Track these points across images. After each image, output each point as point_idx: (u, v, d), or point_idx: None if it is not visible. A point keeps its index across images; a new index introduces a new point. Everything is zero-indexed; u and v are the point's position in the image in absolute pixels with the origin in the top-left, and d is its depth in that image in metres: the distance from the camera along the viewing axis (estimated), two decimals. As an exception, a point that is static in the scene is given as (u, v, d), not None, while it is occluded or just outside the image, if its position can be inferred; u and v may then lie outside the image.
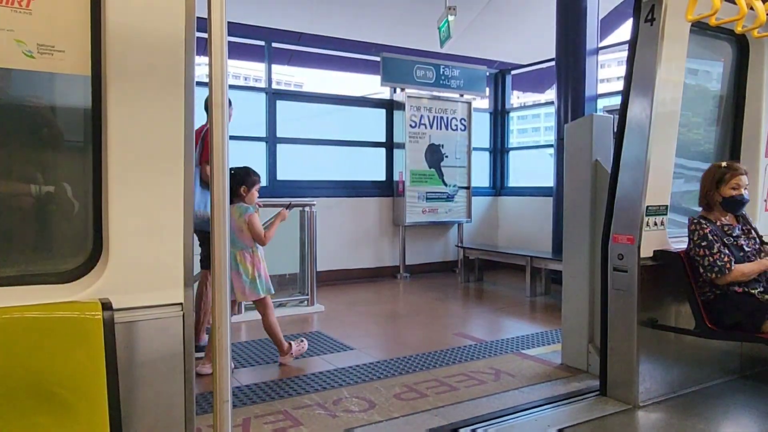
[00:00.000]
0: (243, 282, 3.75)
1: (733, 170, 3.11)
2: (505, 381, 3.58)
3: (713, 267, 2.95)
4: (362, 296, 6.38)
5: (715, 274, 2.95)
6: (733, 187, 3.09)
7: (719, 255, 2.95)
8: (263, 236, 3.80)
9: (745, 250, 3.08)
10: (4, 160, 1.58)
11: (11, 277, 1.50)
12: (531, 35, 8.82)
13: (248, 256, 3.78)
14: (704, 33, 3.49)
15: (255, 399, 3.28)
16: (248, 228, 3.76)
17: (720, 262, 2.94)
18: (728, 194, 3.09)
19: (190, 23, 1.60)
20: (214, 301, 1.48)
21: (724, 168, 3.13)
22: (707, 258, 2.97)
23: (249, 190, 3.82)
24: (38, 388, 1.39)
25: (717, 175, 3.13)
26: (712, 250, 2.96)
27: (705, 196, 3.17)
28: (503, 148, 8.67)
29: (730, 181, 3.09)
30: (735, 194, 3.09)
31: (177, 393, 1.64)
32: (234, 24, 6.61)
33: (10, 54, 1.46)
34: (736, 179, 3.09)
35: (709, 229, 3.02)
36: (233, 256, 3.73)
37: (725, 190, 3.10)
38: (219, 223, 1.48)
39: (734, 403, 3.21)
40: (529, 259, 6.35)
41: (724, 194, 3.10)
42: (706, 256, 2.97)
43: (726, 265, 2.93)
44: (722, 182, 3.10)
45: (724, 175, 3.10)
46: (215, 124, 1.45)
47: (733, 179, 3.09)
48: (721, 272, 2.94)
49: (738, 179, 3.10)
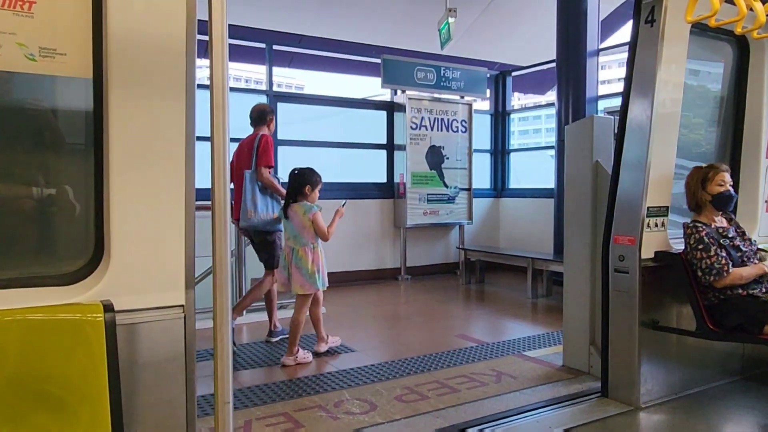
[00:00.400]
0: (303, 276, 3.98)
1: (714, 169, 3.16)
2: (507, 383, 3.58)
3: (711, 270, 2.95)
4: (363, 298, 6.38)
5: (713, 277, 2.95)
6: (719, 184, 3.12)
7: (716, 258, 2.95)
8: (327, 233, 4.03)
9: (742, 250, 3.08)
10: (6, 162, 1.59)
11: (13, 279, 1.51)
12: (531, 37, 8.82)
13: (309, 252, 4.01)
14: (704, 34, 3.49)
15: (256, 401, 3.28)
16: (312, 225, 3.98)
17: (717, 264, 2.94)
18: (716, 191, 3.12)
19: (191, 26, 1.61)
20: (215, 302, 1.48)
21: (706, 168, 3.18)
22: (704, 261, 2.97)
23: (313, 189, 4.07)
24: (40, 390, 1.40)
25: (700, 175, 3.17)
26: (709, 253, 2.97)
27: (693, 198, 3.19)
28: (504, 150, 8.67)
29: (714, 179, 3.13)
30: (722, 190, 3.12)
31: (178, 395, 1.64)
32: (235, 26, 6.62)
33: (12, 57, 1.47)
34: (720, 176, 3.13)
35: (705, 232, 3.03)
36: (295, 252, 4.01)
37: (712, 188, 3.12)
38: (220, 225, 1.48)
39: (736, 405, 3.21)
40: (531, 260, 6.35)
41: (713, 192, 3.12)
42: (703, 259, 2.97)
43: (723, 268, 2.93)
44: (707, 181, 3.14)
45: (707, 174, 3.15)
46: (216, 127, 1.46)
47: (717, 176, 3.13)
48: (718, 275, 2.94)
49: (722, 176, 3.13)
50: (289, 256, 4.03)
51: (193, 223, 1.66)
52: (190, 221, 1.65)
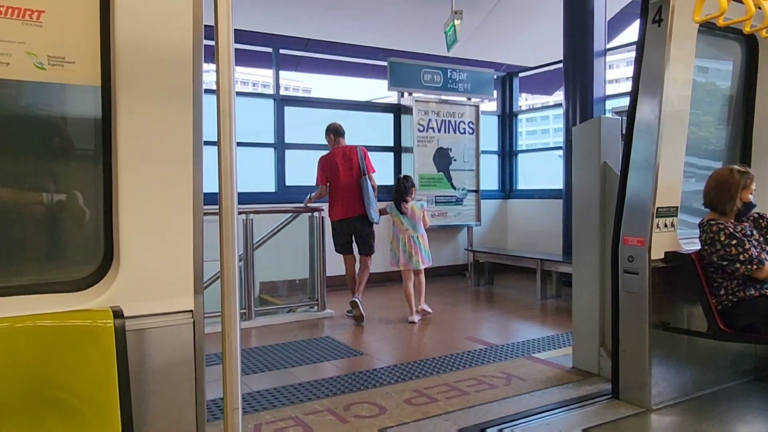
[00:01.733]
0: (423, 254, 5.37)
1: (751, 176, 3.10)
2: (517, 385, 3.56)
3: (752, 260, 2.88)
4: (372, 301, 6.37)
5: (755, 266, 2.89)
6: (751, 193, 3.09)
7: (752, 250, 2.91)
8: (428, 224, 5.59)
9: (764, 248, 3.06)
10: (16, 169, 1.61)
11: (24, 286, 1.52)
12: (538, 37, 8.80)
13: (424, 237, 5.43)
14: (713, 33, 3.47)
15: (266, 405, 3.28)
16: (423, 217, 5.43)
17: (755, 255, 2.90)
18: (748, 199, 3.08)
19: (198, 33, 1.62)
20: (223, 307, 1.48)
21: (744, 173, 3.09)
22: (743, 254, 2.90)
23: (414, 191, 5.50)
24: (50, 396, 1.40)
25: (742, 182, 3.07)
26: (744, 246, 2.90)
27: (731, 202, 3.05)
28: (512, 151, 8.65)
29: (749, 186, 3.08)
30: (752, 198, 3.09)
31: (188, 400, 1.64)
32: (242, 31, 6.65)
33: (21, 66, 1.48)
34: (753, 184, 3.10)
35: (732, 229, 2.98)
36: (416, 238, 5.37)
37: (746, 195, 3.08)
38: (228, 230, 1.48)
39: (749, 406, 3.17)
40: (540, 261, 6.32)
41: (746, 199, 3.08)
42: (740, 253, 2.90)
43: (761, 257, 2.91)
44: (746, 188, 3.08)
45: (746, 180, 3.08)
46: (223, 133, 1.46)
47: (752, 185, 3.09)
48: (761, 263, 2.89)
49: (754, 184, 3.10)
50: (409, 242, 5.32)
51: (201, 228, 1.67)
52: (198, 226, 1.65)
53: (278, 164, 6.87)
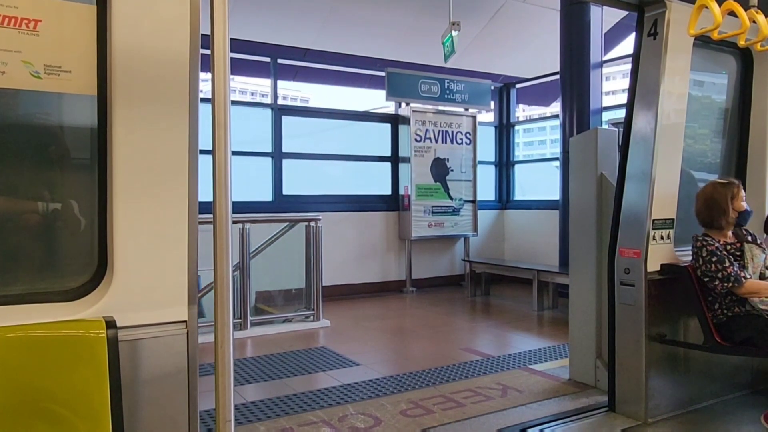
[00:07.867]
0: None
1: (736, 184, 3.11)
2: (513, 397, 3.55)
3: (729, 278, 2.90)
4: (368, 311, 6.36)
5: (732, 284, 2.90)
6: (743, 200, 3.09)
7: (732, 268, 2.92)
8: None
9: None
10: (10, 178, 1.60)
11: (16, 296, 1.51)
12: (535, 49, 8.84)
13: None
14: (708, 46, 3.49)
15: (260, 416, 3.26)
16: None
17: (734, 273, 2.91)
18: (742, 207, 3.08)
19: (195, 42, 1.62)
20: (216, 317, 1.47)
21: (726, 184, 3.11)
22: (721, 272, 2.92)
23: None
24: (42, 407, 1.39)
25: (729, 193, 3.07)
26: (724, 264, 2.92)
27: (723, 215, 3.05)
28: (509, 162, 8.67)
29: (739, 195, 3.09)
30: (746, 206, 3.09)
31: (181, 411, 1.63)
32: (240, 41, 6.67)
33: (18, 75, 1.49)
34: (742, 192, 3.10)
35: (715, 246, 2.99)
36: None
37: (738, 204, 3.08)
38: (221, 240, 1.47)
39: (747, 419, 3.16)
40: (536, 272, 6.32)
41: (739, 209, 3.08)
42: (719, 271, 2.92)
43: (740, 275, 2.91)
44: (734, 198, 3.08)
45: (734, 190, 3.08)
46: (218, 142, 1.46)
47: (740, 192, 3.09)
48: (737, 281, 2.90)
49: (742, 191, 3.11)
50: None
51: (196, 238, 1.66)
52: (193, 236, 1.65)
53: (275, 173, 6.88)
